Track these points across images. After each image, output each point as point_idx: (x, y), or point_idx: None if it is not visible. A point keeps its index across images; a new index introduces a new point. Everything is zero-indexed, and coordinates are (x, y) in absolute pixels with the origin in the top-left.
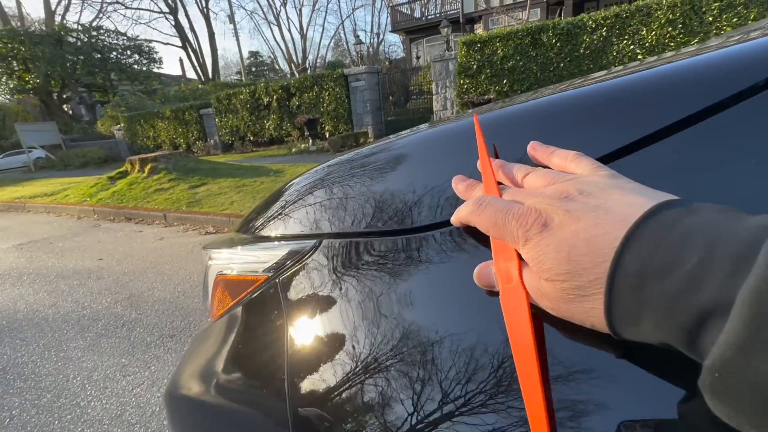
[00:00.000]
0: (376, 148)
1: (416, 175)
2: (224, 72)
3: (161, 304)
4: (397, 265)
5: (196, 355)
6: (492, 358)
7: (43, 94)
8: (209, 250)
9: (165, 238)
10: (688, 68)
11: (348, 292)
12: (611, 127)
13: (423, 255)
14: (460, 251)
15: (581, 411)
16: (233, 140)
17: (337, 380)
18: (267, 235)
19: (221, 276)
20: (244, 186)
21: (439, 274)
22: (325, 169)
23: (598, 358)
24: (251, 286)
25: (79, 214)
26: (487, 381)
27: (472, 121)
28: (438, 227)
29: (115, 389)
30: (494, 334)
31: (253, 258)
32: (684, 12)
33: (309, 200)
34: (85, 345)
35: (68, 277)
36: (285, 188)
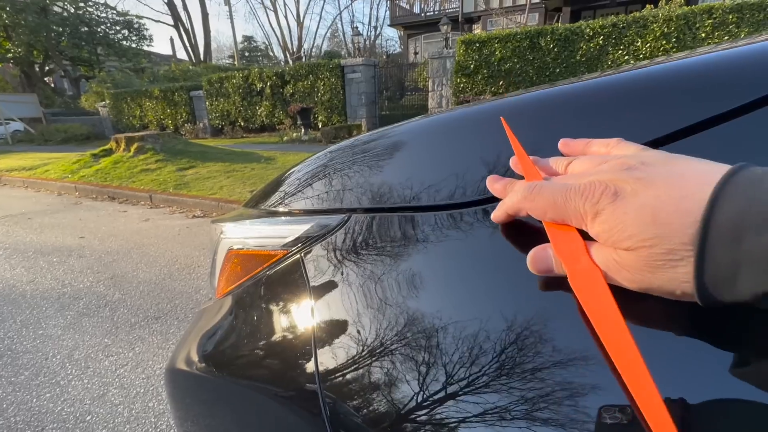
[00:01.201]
0: (401, 126)
1: (448, 153)
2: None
3: (146, 285)
4: (431, 242)
5: (203, 331)
6: (534, 339)
7: (24, 65)
8: (220, 224)
9: (150, 220)
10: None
11: (376, 268)
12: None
13: (460, 231)
14: (502, 229)
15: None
16: (223, 125)
17: (368, 359)
18: (287, 210)
19: (233, 251)
20: (234, 171)
21: (481, 250)
22: (363, 142)
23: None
24: (268, 261)
25: (60, 191)
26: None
27: (493, 106)
28: (478, 204)
29: (97, 369)
30: (522, 315)
31: (271, 232)
32: (678, 26)
33: (335, 175)
34: (65, 323)
35: (47, 253)
36: (300, 167)
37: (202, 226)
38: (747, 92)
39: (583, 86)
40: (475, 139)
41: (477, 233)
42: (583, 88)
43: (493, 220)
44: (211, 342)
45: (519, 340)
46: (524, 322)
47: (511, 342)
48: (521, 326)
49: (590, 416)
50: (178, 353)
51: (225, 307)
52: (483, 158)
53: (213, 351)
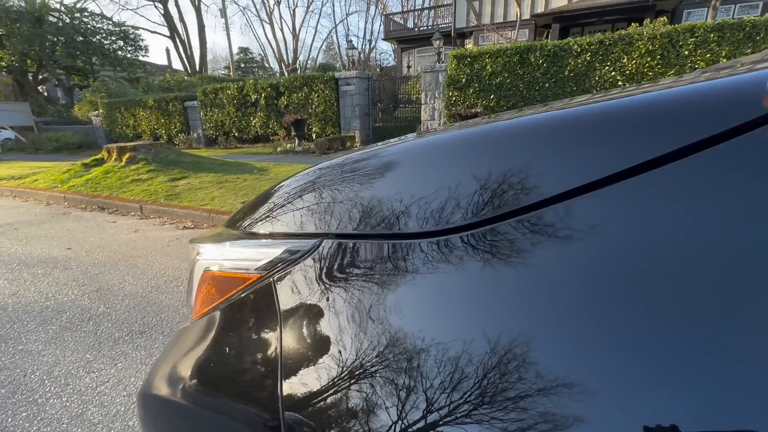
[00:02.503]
0: (375, 151)
1: (423, 181)
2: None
3: (132, 298)
4: (399, 270)
5: (176, 354)
6: (511, 365)
7: (17, 73)
8: (197, 245)
9: (140, 231)
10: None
11: (347, 295)
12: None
13: (429, 260)
14: (468, 257)
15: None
16: (217, 135)
17: (333, 385)
18: (261, 233)
19: (209, 272)
20: (227, 182)
21: (444, 279)
22: (327, 169)
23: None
24: (242, 284)
25: (49, 201)
26: (504, 391)
27: (469, 132)
28: (445, 233)
29: (77, 386)
30: (491, 342)
31: (245, 255)
32: (663, 44)
33: (310, 199)
34: (46, 338)
35: (32, 265)
36: (282, 186)
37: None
38: (693, 132)
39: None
40: (449, 168)
41: (447, 262)
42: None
43: None
44: (184, 366)
45: (501, 364)
46: (505, 346)
47: (494, 375)
48: (502, 351)
49: None
50: (152, 377)
51: (200, 329)
52: (456, 188)
53: (185, 376)
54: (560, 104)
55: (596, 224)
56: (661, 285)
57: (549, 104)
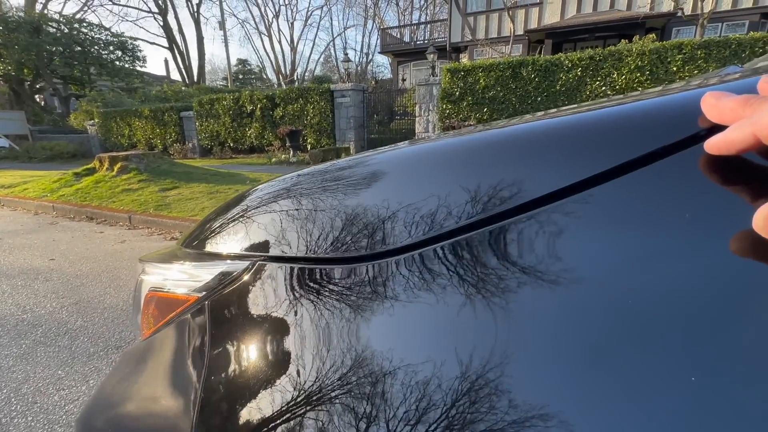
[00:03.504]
0: (331, 166)
1: (363, 201)
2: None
3: (111, 311)
4: (332, 295)
5: (115, 379)
6: (445, 395)
7: (14, 82)
8: (144, 263)
9: (126, 241)
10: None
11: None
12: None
13: (360, 286)
14: (406, 282)
15: None
16: (212, 145)
17: (252, 418)
18: (204, 252)
19: (153, 292)
20: (218, 192)
21: (377, 306)
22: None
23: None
24: (182, 305)
25: (37, 210)
26: (439, 421)
27: (446, 143)
28: (381, 257)
29: (44, 404)
30: (446, 366)
31: (186, 276)
32: (651, 60)
33: (248, 217)
34: (18, 353)
35: (12, 276)
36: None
37: None
38: (653, 141)
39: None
40: (410, 181)
41: (385, 285)
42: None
43: (712, 150)
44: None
45: (471, 392)
46: (477, 371)
47: (462, 395)
48: (473, 375)
49: None
50: (91, 403)
51: (143, 351)
52: (402, 201)
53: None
54: (529, 117)
55: (565, 234)
56: (640, 298)
57: (520, 117)
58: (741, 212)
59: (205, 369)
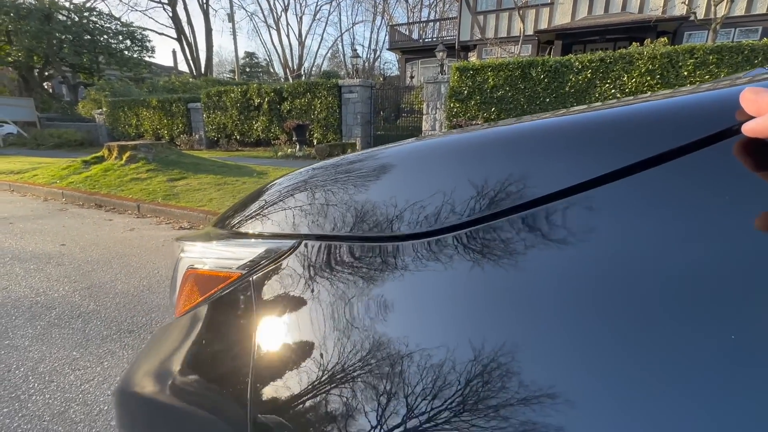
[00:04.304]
0: (362, 155)
1: (402, 185)
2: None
3: (123, 297)
4: (377, 272)
5: (155, 352)
6: (464, 373)
7: (23, 69)
8: (182, 242)
9: (136, 229)
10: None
11: (323, 296)
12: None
13: (403, 264)
14: (438, 262)
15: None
16: (219, 137)
17: (303, 388)
18: (245, 232)
19: (192, 270)
20: (226, 184)
21: (417, 284)
22: (310, 172)
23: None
24: (223, 282)
25: (46, 196)
26: (454, 398)
27: (460, 138)
28: (420, 237)
29: (61, 384)
30: (466, 348)
31: (228, 254)
32: (662, 64)
33: (291, 201)
34: (34, 334)
35: (25, 260)
36: (267, 187)
37: None
38: (668, 141)
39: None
40: (433, 172)
41: (426, 265)
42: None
43: (747, 132)
44: (163, 364)
45: (485, 372)
46: (490, 354)
47: (476, 375)
48: (487, 358)
49: None
50: (131, 374)
51: (181, 327)
52: (438, 190)
53: (163, 374)
54: (547, 114)
55: (584, 226)
56: (647, 289)
57: (537, 115)
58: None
59: (255, 340)
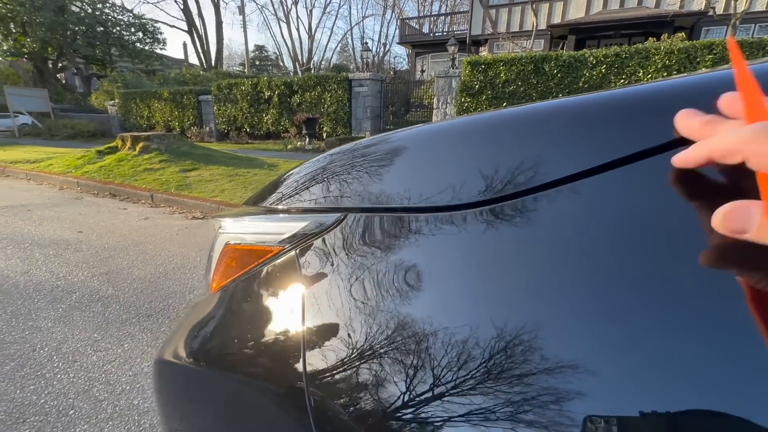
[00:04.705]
0: (401, 132)
1: (444, 158)
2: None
3: (140, 282)
4: (426, 244)
5: (194, 325)
6: (516, 340)
7: (38, 60)
8: (220, 219)
9: (150, 218)
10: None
11: (372, 268)
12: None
13: (455, 234)
14: (496, 231)
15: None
16: (229, 130)
17: (355, 356)
18: (285, 208)
19: (230, 246)
20: (237, 175)
21: (472, 252)
22: (364, 146)
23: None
24: (263, 256)
25: (62, 185)
26: (504, 366)
27: (492, 116)
28: (473, 206)
29: (84, 363)
30: (517, 314)
31: (268, 229)
32: (680, 59)
33: (334, 176)
34: (56, 316)
35: (44, 246)
36: (301, 167)
37: (201, 228)
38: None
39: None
40: (473, 146)
41: (472, 236)
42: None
43: (677, 164)
44: (202, 335)
45: (509, 346)
46: (519, 328)
47: (502, 348)
48: (516, 330)
49: (574, 421)
50: (168, 345)
51: (218, 301)
52: (481, 164)
53: (204, 344)
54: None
55: (620, 204)
56: (665, 273)
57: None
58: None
59: (304, 311)
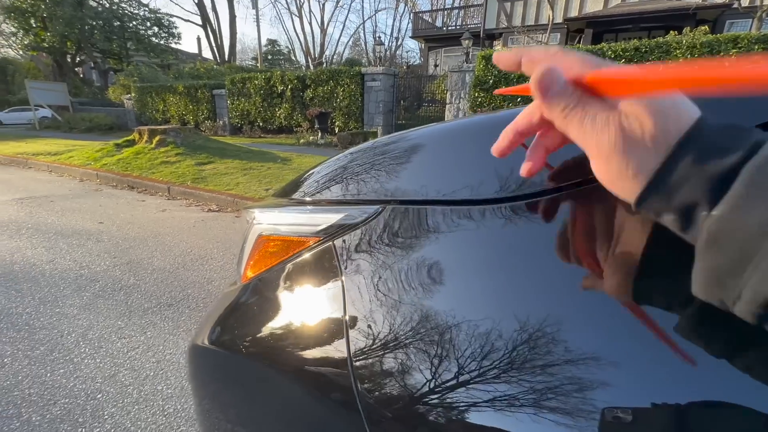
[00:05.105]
0: (435, 126)
1: (480, 152)
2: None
3: (160, 272)
4: (465, 235)
5: (227, 313)
6: (547, 332)
7: (57, 54)
8: (253, 210)
9: (167, 210)
10: None
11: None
12: None
13: (494, 226)
14: (537, 225)
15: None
16: (242, 124)
17: (397, 345)
18: (319, 200)
19: (264, 237)
20: (251, 169)
21: (510, 245)
22: (384, 144)
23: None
24: (299, 247)
25: (82, 177)
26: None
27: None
28: (512, 200)
29: (109, 350)
30: (560, 306)
31: (303, 220)
32: (703, 54)
33: (367, 170)
34: (81, 303)
35: (68, 236)
36: (330, 161)
37: (217, 220)
38: None
39: None
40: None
41: (510, 227)
42: None
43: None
44: (237, 322)
45: (531, 339)
46: (543, 320)
47: (526, 339)
48: (544, 322)
49: (596, 408)
50: (202, 332)
51: (253, 289)
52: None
53: (240, 331)
54: None
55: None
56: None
57: None
58: None
59: (345, 301)
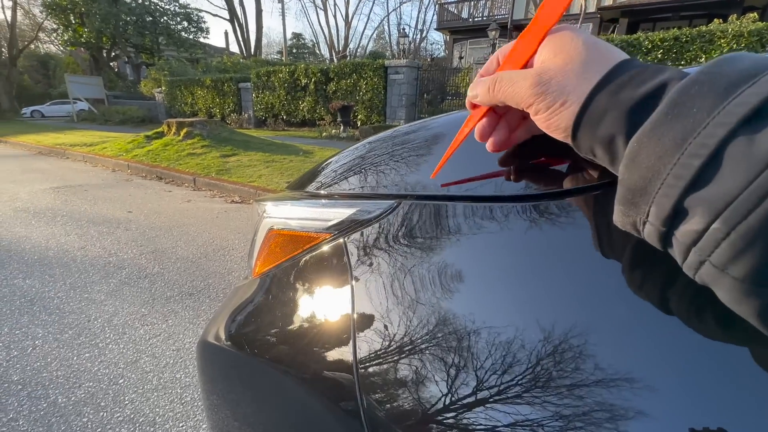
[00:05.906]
0: (440, 117)
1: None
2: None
3: (183, 262)
4: (483, 233)
5: (238, 309)
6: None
7: (93, 49)
8: (263, 203)
9: (192, 201)
10: None
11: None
12: None
13: (509, 224)
14: (565, 224)
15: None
16: (267, 117)
17: (408, 348)
18: (330, 194)
19: (275, 231)
20: (274, 162)
21: (530, 245)
22: (404, 133)
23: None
24: (309, 242)
25: (114, 167)
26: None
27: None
28: (536, 199)
29: (132, 336)
30: (578, 312)
31: (314, 214)
32: (750, 43)
33: (383, 162)
34: (108, 290)
35: (98, 223)
36: (346, 152)
37: (240, 212)
38: None
39: None
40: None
41: (536, 225)
42: None
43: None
44: (245, 319)
45: (557, 352)
46: (569, 331)
47: (551, 353)
48: (566, 335)
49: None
50: (211, 328)
51: (262, 286)
52: (536, 151)
53: (247, 329)
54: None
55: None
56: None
57: None
58: None
59: (354, 299)
